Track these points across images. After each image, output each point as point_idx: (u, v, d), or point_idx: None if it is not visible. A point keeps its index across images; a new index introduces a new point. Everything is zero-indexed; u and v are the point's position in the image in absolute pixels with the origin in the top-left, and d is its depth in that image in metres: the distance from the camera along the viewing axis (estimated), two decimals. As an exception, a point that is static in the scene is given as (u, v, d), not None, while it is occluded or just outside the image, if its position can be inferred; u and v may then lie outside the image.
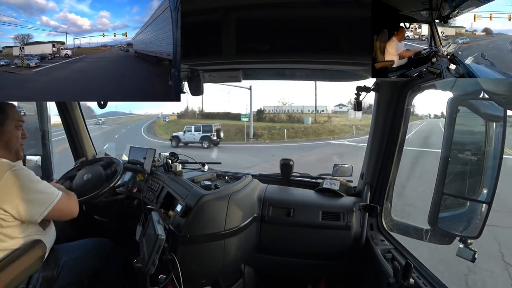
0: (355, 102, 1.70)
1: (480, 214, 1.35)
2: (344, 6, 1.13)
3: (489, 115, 1.32)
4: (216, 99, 43.97)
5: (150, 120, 32.92)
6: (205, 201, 1.68)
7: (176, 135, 19.00)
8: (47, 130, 2.53)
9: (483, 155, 1.37)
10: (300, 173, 2.29)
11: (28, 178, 1.40)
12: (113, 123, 31.16)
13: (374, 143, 1.83)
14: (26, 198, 1.37)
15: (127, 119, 36.10)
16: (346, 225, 1.81)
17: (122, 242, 2.08)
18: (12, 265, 1.35)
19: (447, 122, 1.38)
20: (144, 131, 29.01)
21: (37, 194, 1.42)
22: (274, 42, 1.26)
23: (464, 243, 1.32)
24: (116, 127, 30.26)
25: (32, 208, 1.39)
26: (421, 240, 1.59)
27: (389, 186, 1.82)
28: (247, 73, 1.76)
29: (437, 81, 1.41)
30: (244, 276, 2.01)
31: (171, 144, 17.79)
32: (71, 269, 1.65)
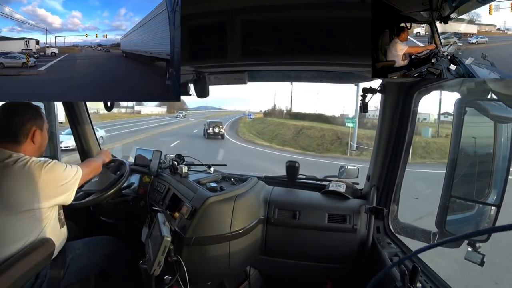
0: (361, 104, 1.69)
1: (488, 217, 1.34)
2: (348, 7, 1.13)
3: (498, 116, 1.30)
4: (304, 99, 42.97)
5: (236, 116, 32.71)
6: (211, 203, 1.69)
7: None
8: (54, 132, 2.55)
9: (491, 157, 1.35)
10: (306, 175, 2.28)
11: (58, 172, 1.50)
12: (200, 116, 31.09)
13: (381, 144, 1.82)
14: (61, 190, 1.50)
15: (215, 113, 36.31)
16: (352, 228, 1.79)
17: (128, 243, 2.09)
18: (21, 261, 1.37)
19: (454, 123, 1.36)
20: (226, 128, 26.23)
21: (66, 182, 1.52)
22: (279, 44, 1.26)
23: (473, 246, 1.30)
24: (199, 121, 29.39)
25: (63, 195, 1.52)
26: (428, 243, 1.57)
27: (395, 188, 1.81)
28: (253, 75, 1.77)
29: (444, 82, 1.39)
30: (250, 278, 2.01)
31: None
32: (78, 266, 1.67)
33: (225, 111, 37.29)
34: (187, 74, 1.77)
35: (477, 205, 1.43)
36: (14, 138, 1.47)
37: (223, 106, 38.59)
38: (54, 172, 1.47)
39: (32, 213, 1.41)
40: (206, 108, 33.89)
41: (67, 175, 1.53)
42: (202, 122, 26.65)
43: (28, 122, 1.49)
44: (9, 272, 1.34)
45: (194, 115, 29.99)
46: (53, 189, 1.47)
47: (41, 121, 1.55)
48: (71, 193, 1.56)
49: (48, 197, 1.45)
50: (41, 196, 1.42)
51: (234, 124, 29.73)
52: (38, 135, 1.53)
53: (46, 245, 1.47)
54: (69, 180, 1.53)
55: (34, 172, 1.41)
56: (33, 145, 1.52)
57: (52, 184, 1.46)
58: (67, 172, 1.53)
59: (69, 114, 2.51)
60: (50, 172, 1.45)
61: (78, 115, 2.53)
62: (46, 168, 1.44)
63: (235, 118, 31.08)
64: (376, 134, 1.87)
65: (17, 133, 1.47)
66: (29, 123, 1.49)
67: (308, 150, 18.24)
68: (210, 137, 20.33)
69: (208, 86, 1.83)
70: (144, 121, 31.67)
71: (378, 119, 1.85)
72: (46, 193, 1.44)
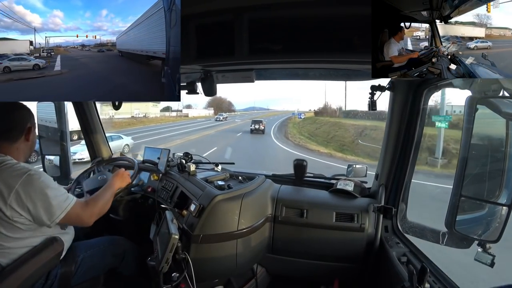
0: (369, 101, 1.68)
1: (499, 217, 1.31)
2: (355, 5, 1.11)
3: (510, 114, 1.27)
4: (357, 98, 41.32)
5: (285, 116, 31.62)
6: (218, 201, 1.69)
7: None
8: (65, 131, 2.60)
9: (503, 155, 1.33)
10: (313, 173, 2.27)
11: (43, 183, 1.40)
12: (246, 117, 30.02)
13: (389, 143, 1.80)
14: (40, 204, 1.38)
15: (262, 114, 35.61)
16: (360, 227, 1.78)
17: (136, 240, 2.11)
18: (30, 261, 1.40)
19: (465, 121, 1.34)
20: (274, 131, 25.09)
21: (50, 200, 1.40)
22: (286, 42, 1.25)
23: (483, 247, 1.28)
24: (246, 122, 27.75)
25: (44, 213, 1.39)
26: (438, 243, 1.55)
27: (404, 187, 1.79)
28: (260, 73, 1.77)
29: (454, 80, 1.37)
30: (257, 277, 2.01)
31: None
32: (88, 266, 1.69)
33: (273, 112, 36.89)
34: (194, 73, 1.77)
35: (488, 205, 1.40)
36: (9, 134, 1.47)
37: (271, 106, 38.76)
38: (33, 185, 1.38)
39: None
40: (254, 109, 34.01)
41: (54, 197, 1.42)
42: (248, 123, 26.59)
43: (23, 119, 1.50)
44: (18, 272, 1.36)
45: (242, 116, 29.34)
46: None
47: (34, 120, 1.56)
48: (53, 218, 1.42)
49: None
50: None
51: (282, 125, 27.84)
52: (33, 133, 1.54)
53: (55, 244, 1.49)
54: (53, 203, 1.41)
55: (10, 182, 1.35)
56: (27, 142, 1.53)
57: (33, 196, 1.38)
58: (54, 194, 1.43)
59: (79, 114, 2.57)
60: (28, 184, 1.37)
61: (88, 115, 2.58)
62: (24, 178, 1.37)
63: (283, 119, 29.93)
64: (385, 132, 1.85)
65: (13, 129, 1.48)
66: (24, 120, 1.51)
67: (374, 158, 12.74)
68: (253, 132, 23.90)
69: (215, 84, 1.84)
70: (184, 124, 30.48)
71: (386, 117, 1.83)
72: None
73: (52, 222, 1.42)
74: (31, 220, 1.39)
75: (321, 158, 14.79)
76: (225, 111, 40.88)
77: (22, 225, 1.38)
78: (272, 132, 24.88)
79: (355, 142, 18.71)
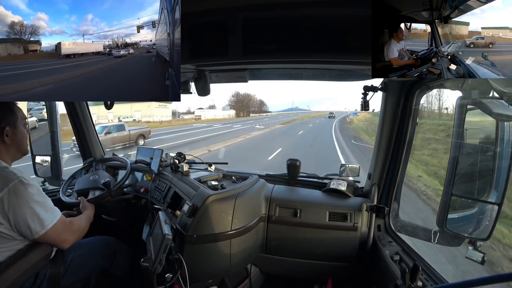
0: (362, 102, 1.69)
1: (490, 215, 1.33)
2: (350, 5, 1.12)
3: (500, 114, 1.29)
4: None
5: (334, 119, 31.35)
6: (212, 201, 1.69)
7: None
8: (55, 131, 2.56)
9: (493, 155, 1.35)
10: (307, 173, 2.28)
11: (30, 195, 1.37)
12: (278, 121, 27.50)
13: (382, 143, 1.82)
14: (22, 216, 1.34)
15: (303, 115, 33.37)
16: (353, 226, 1.80)
17: (129, 241, 2.10)
18: (19, 262, 1.37)
19: (456, 121, 1.36)
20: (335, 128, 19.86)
21: (33, 214, 1.37)
22: (280, 42, 1.25)
23: (474, 245, 1.30)
24: (277, 128, 23.71)
25: (24, 227, 1.36)
26: (430, 241, 1.57)
27: (396, 186, 1.81)
28: (254, 73, 1.76)
29: (446, 80, 1.39)
30: (251, 276, 2.01)
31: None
32: (78, 266, 1.67)
33: (314, 112, 36.21)
34: (188, 73, 1.77)
35: (478, 203, 1.43)
36: None
37: (312, 107, 38.25)
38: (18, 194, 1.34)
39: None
40: (295, 109, 33.16)
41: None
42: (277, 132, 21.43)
43: None
44: (8, 272, 1.34)
45: (273, 118, 26.26)
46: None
47: (13, 117, 1.47)
48: (32, 233, 1.37)
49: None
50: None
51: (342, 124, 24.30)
52: (11, 132, 1.46)
53: (44, 245, 1.47)
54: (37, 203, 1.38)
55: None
56: (6, 144, 1.45)
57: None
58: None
59: (71, 115, 2.53)
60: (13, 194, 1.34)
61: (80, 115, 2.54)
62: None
63: (341, 117, 29.49)
64: (377, 132, 1.87)
65: None
66: None
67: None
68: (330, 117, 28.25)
69: (209, 84, 1.83)
70: (190, 130, 25.25)
71: (379, 117, 1.85)
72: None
73: (32, 236, 1.38)
74: (11, 229, 1.35)
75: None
76: (256, 112, 38.05)
77: (2, 233, 1.34)
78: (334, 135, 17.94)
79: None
